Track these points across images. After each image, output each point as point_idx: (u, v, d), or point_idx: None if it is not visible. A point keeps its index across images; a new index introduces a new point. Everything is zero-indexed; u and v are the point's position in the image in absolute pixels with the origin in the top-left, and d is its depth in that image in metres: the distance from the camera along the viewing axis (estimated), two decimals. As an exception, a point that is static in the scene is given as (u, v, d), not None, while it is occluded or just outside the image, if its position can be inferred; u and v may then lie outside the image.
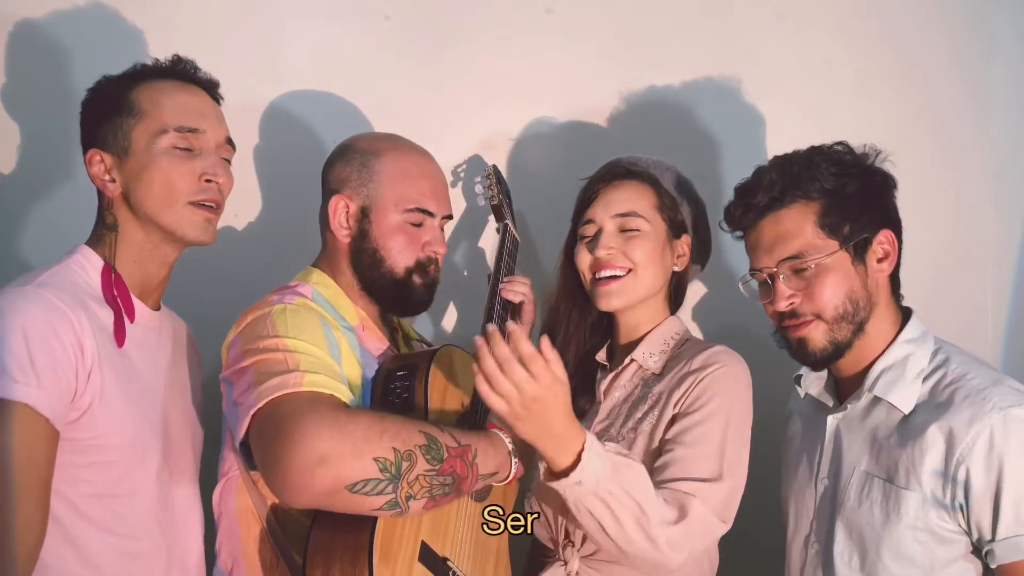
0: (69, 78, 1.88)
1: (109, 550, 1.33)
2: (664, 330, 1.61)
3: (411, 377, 1.42)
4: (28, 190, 1.93)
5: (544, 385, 1.23)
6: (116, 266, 1.39)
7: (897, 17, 2.06)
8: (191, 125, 1.41)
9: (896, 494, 1.38)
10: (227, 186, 1.45)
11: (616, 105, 2.05)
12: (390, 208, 1.52)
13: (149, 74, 1.44)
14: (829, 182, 1.44)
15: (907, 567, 1.37)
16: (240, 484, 1.42)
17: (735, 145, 2.04)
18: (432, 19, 2.02)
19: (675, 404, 1.49)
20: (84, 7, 1.92)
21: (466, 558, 1.42)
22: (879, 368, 1.46)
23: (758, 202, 1.47)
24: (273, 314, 1.38)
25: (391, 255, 1.52)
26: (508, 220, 1.81)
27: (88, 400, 1.29)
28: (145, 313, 1.43)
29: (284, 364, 1.30)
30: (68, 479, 1.29)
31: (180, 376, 1.51)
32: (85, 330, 1.28)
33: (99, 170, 1.40)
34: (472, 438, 1.35)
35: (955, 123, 2.06)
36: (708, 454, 1.43)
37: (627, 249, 1.56)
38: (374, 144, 1.57)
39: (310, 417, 1.21)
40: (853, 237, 1.44)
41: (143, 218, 1.40)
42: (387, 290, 1.53)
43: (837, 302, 1.43)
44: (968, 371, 1.41)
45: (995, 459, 1.30)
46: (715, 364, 1.50)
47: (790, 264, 1.44)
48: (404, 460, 1.23)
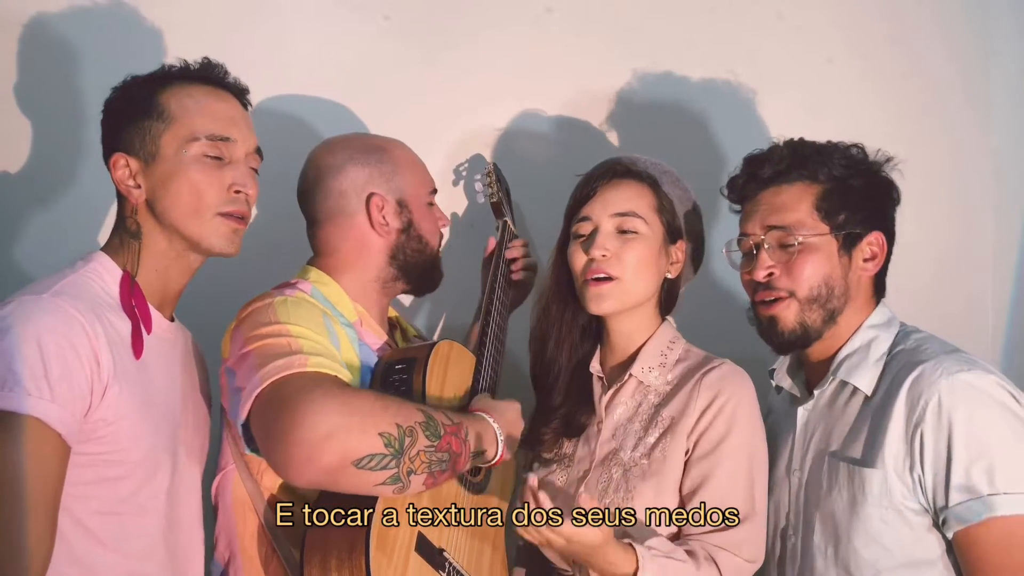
0: (71, 78, 1.88)
1: (117, 571, 1.28)
2: (659, 340, 1.57)
3: (409, 370, 1.43)
4: (34, 190, 1.93)
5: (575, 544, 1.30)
6: (138, 275, 1.34)
7: (898, 17, 2.07)
8: (222, 134, 1.36)
9: (860, 474, 1.39)
10: (254, 197, 1.41)
11: (616, 104, 2.05)
12: (420, 195, 1.58)
13: (177, 76, 1.38)
14: (837, 170, 1.47)
15: (876, 550, 1.38)
16: (237, 477, 1.43)
17: (735, 145, 2.04)
18: (432, 19, 2.02)
19: (689, 434, 1.47)
20: (84, 7, 1.92)
21: (463, 549, 1.43)
22: (844, 353, 1.48)
23: (763, 173, 1.50)
24: (275, 304, 1.40)
25: (433, 239, 1.59)
26: (507, 217, 1.82)
27: (104, 414, 1.24)
28: (162, 324, 1.38)
29: (288, 347, 1.31)
30: (77, 496, 1.24)
31: (193, 388, 1.47)
32: (101, 342, 1.24)
33: (124, 175, 1.35)
34: (461, 417, 1.38)
35: (955, 123, 2.07)
36: (738, 496, 1.43)
37: (623, 252, 1.52)
38: (367, 142, 1.60)
39: (316, 393, 1.23)
40: (845, 227, 1.47)
41: (168, 226, 1.35)
42: (425, 272, 1.59)
43: (814, 283, 1.45)
44: (921, 344, 1.43)
45: (944, 423, 1.32)
46: (727, 394, 1.47)
47: (778, 235, 1.47)
48: (407, 436, 1.26)
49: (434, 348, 1.47)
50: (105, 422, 1.24)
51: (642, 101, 2.05)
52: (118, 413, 1.26)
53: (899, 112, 2.03)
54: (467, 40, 2.01)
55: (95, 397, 1.23)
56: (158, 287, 1.38)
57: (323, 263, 1.55)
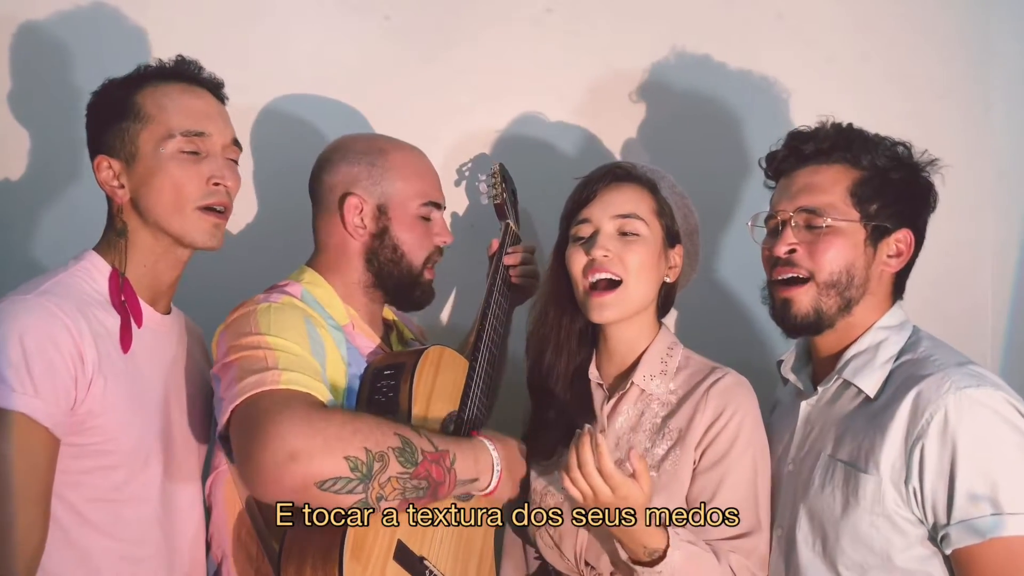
0: (71, 78, 1.89)
1: (111, 555, 1.34)
2: (658, 347, 1.56)
3: (397, 376, 1.43)
4: (35, 193, 1.94)
5: (620, 496, 1.31)
6: (127, 271, 1.39)
7: (897, 17, 2.06)
8: (197, 129, 1.40)
9: (855, 478, 1.37)
10: (234, 188, 1.44)
11: (616, 105, 2.05)
12: (408, 203, 1.55)
13: (153, 76, 1.43)
14: (880, 160, 1.46)
15: (864, 553, 1.37)
16: (229, 477, 1.44)
17: (735, 145, 2.04)
18: (432, 19, 2.02)
19: (696, 446, 1.47)
20: (84, 7, 1.93)
21: (446, 558, 1.41)
22: (851, 352, 1.46)
23: (806, 148, 1.49)
24: (257, 312, 1.40)
25: (412, 250, 1.55)
26: (510, 219, 1.82)
27: (90, 407, 1.29)
28: (154, 317, 1.43)
29: (264, 362, 1.31)
30: (71, 484, 1.29)
31: (188, 380, 1.50)
32: (85, 338, 1.28)
33: (107, 176, 1.40)
34: (451, 443, 1.36)
35: (955, 123, 2.06)
36: (744, 508, 1.44)
37: (625, 254, 1.50)
38: (373, 143, 1.59)
39: (284, 414, 1.23)
40: (876, 218, 1.45)
41: (152, 223, 1.40)
42: (403, 286, 1.56)
43: (835, 267, 1.43)
44: (932, 354, 1.41)
45: (949, 439, 1.30)
46: (733, 407, 1.48)
47: (806, 216, 1.45)
48: (376, 461, 1.25)
49: (423, 354, 1.45)
50: (93, 414, 1.29)
51: (642, 101, 2.05)
52: (105, 405, 1.30)
53: (899, 112, 2.02)
54: (467, 40, 2.01)
55: (79, 391, 1.28)
56: (148, 282, 1.42)
57: (316, 261, 1.57)
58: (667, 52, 2.04)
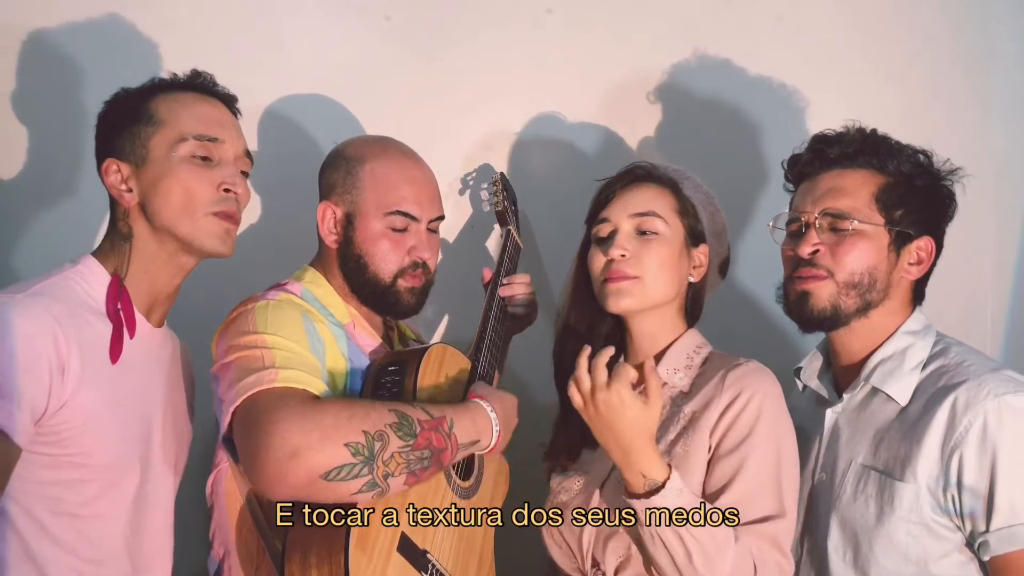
0: (72, 79, 1.88)
1: (68, 572, 1.29)
2: (685, 344, 1.52)
3: (401, 372, 1.43)
4: (32, 199, 1.93)
5: (613, 391, 1.30)
6: (127, 277, 1.36)
7: (897, 17, 2.07)
8: (210, 134, 1.38)
9: (891, 487, 1.37)
10: (244, 199, 1.42)
11: (616, 105, 2.05)
12: (372, 214, 1.52)
13: (167, 86, 1.42)
14: (905, 166, 1.46)
15: (899, 562, 1.36)
16: (230, 475, 1.44)
17: (736, 145, 2.04)
18: (432, 19, 2.02)
19: (712, 431, 1.42)
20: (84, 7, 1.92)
21: (448, 554, 1.42)
22: (877, 358, 1.45)
23: (831, 152, 1.48)
24: (255, 311, 1.40)
25: (375, 261, 1.52)
26: (511, 226, 1.82)
27: (67, 416, 1.24)
28: (147, 330, 1.39)
29: (261, 361, 1.32)
30: (37, 495, 1.25)
31: (174, 398, 1.47)
32: (71, 345, 1.24)
33: (115, 179, 1.37)
34: (447, 409, 1.37)
35: (955, 123, 2.06)
36: (767, 493, 1.38)
37: (643, 252, 1.47)
38: (361, 150, 1.58)
39: (281, 412, 1.24)
40: (900, 224, 1.44)
41: (160, 228, 1.36)
42: (374, 295, 1.54)
43: (857, 268, 1.43)
44: (965, 359, 1.40)
45: (989, 446, 1.29)
46: (752, 390, 1.42)
47: (831, 220, 1.45)
48: (376, 440, 1.25)
49: (427, 351, 1.46)
50: (68, 425, 1.25)
51: (642, 102, 2.05)
52: (85, 416, 1.26)
53: (899, 112, 2.02)
54: (467, 41, 2.02)
55: (52, 401, 1.22)
56: (146, 289, 1.39)
57: (317, 261, 1.58)
58: (667, 53, 2.05)
